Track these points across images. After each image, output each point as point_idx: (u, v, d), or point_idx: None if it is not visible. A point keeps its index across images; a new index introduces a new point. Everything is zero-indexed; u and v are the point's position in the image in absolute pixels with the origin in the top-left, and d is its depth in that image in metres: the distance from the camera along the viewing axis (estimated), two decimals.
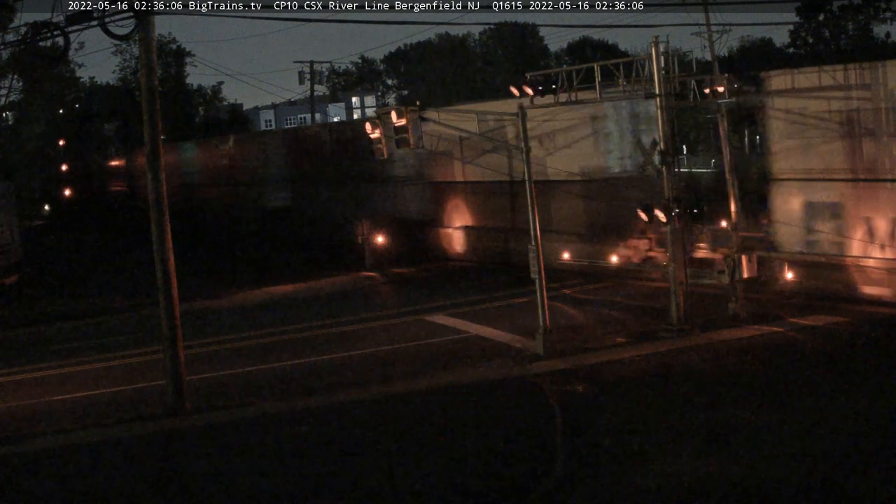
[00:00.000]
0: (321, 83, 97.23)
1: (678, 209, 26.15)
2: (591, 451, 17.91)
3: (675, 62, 27.30)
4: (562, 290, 33.26)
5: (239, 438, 20.22)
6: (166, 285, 22.42)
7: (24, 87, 69.58)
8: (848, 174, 28.22)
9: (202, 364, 26.39)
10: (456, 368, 24.59)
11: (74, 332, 34.15)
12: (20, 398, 25.02)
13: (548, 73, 29.32)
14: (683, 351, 24.49)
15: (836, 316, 26.65)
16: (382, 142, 26.33)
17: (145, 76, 22.31)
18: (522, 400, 21.70)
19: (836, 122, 28.33)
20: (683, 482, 15.87)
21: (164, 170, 22.42)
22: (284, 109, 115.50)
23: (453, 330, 29.36)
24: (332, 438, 19.78)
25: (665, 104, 26.63)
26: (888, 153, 27.29)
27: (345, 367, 25.79)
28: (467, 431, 19.58)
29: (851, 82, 27.93)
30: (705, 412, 19.55)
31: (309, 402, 22.60)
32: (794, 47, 75.76)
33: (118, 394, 24.70)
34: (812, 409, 19.27)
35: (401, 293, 37.64)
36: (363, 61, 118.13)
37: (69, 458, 19.68)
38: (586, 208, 36.53)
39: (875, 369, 21.69)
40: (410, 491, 16.45)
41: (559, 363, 24.18)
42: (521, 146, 25.97)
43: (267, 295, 39.20)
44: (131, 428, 21.42)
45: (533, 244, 25.49)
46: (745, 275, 27.58)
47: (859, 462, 16.23)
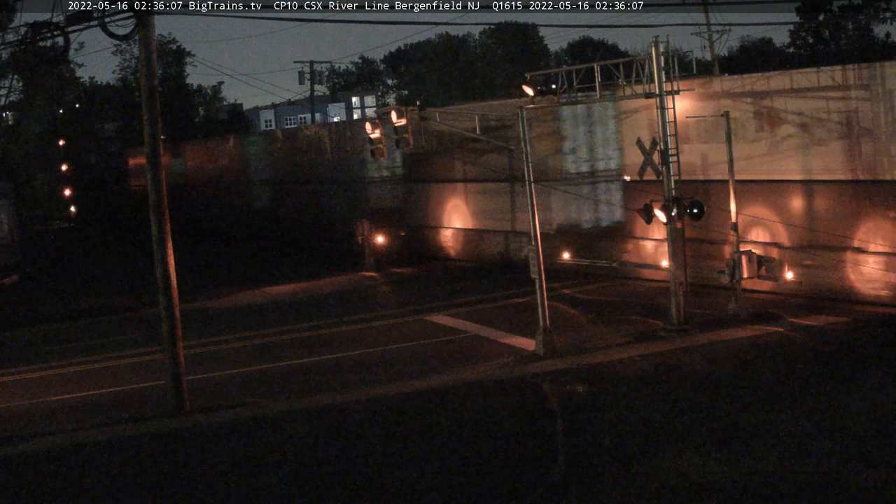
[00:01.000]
0: (321, 83, 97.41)
1: (678, 209, 26.15)
2: (591, 451, 17.91)
3: (675, 62, 27.30)
4: (562, 290, 33.26)
5: (239, 438, 20.22)
6: (166, 285, 22.41)
7: (24, 87, 69.70)
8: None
9: (202, 364, 26.40)
10: (456, 368, 24.59)
11: (74, 332, 34.15)
12: (20, 398, 25.03)
13: (548, 73, 29.36)
14: (683, 351, 24.48)
15: (837, 316, 26.65)
16: (383, 142, 26.37)
17: (145, 76, 22.31)
18: (522, 400, 21.69)
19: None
20: (683, 482, 15.87)
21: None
22: (284, 109, 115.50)
23: (453, 330, 29.36)
24: (332, 438, 19.79)
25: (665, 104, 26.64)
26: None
27: (345, 367, 25.79)
28: (467, 431, 19.59)
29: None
30: (705, 412, 19.56)
31: (309, 402, 22.61)
32: (794, 47, 75.83)
33: (118, 394, 24.71)
34: (812, 409, 19.27)
35: (401, 293, 37.65)
36: (363, 61, 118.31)
37: (69, 458, 19.68)
38: None
39: (875, 369, 21.68)
40: (410, 491, 16.45)
41: (559, 363, 24.18)
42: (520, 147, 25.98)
43: (267, 295, 39.21)
44: (131, 428, 21.42)
45: (533, 244, 25.49)
46: (745, 275, 27.60)
47: (859, 462, 16.23)
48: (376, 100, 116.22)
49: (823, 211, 28.75)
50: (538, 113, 34.27)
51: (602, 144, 36.26)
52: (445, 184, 44.21)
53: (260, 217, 60.66)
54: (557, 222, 37.68)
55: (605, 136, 36.02)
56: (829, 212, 28.55)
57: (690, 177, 29.30)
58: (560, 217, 37.82)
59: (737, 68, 64.95)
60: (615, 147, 35.59)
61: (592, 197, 36.28)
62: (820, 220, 28.75)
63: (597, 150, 36.51)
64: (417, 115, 27.18)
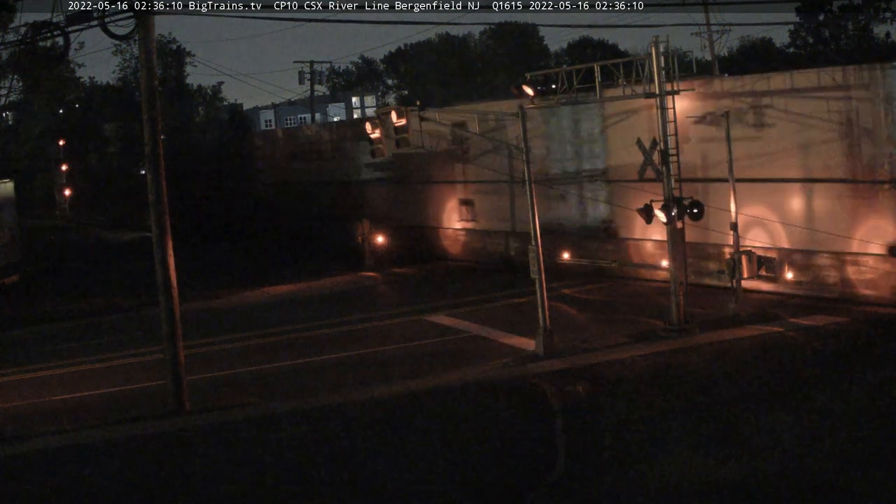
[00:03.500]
0: (321, 83, 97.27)
1: (678, 209, 26.15)
2: (591, 451, 17.91)
3: (675, 62, 27.30)
4: (562, 290, 33.26)
5: (239, 438, 20.23)
6: (166, 285, 22.41)
7: (24, 87, 69.62)
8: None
9: (202, 364, 26.39)
10: (456, 368, 24.58)
11: (74, 332, 34.14)
12: (20, 398, 25.01)
13: (548, 73, 29.34)
14: (683, 351, 24.48)
15: (836, 316, 26.65)
16: (383, 142, 26.33)
17: (145, 76, 22.31)
18: (522, 400, 21.70)
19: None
20: (683, 482, 15.88)
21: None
22: (284, 109, 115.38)
23: (453, 330, 29.36)
24: (332, 438, 19.79)
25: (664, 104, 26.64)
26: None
27: (345, 367, 25.79)
28: (467, 431, 19.59)
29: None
30: (705, 412, 19.56)
31: (309, 402, 22.61)
32: (794, 47, 75.89)
33: (118, 394, 24.71)
34: (812, 409, 19.27)
35: (401, 293, 37.65)
36: (363, 61, 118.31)
37: (69, 458, 19.68)
38: None
39: (875, 369, 21.68)
40: (410, 491, 16.45)
41: (559, 363, 24.18)
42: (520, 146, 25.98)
43: (266, 295, 39.20)
44: (131, 428, 21.42)
45: (533, 244, 25.49)
46: (745, 275, 27.59)
47: (860, 462, 16.23)
48: (376, 100, 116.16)
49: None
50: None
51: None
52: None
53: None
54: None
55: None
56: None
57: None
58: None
59: (737, 68, 64.98)
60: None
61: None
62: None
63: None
64: (418, 115, 27.14)
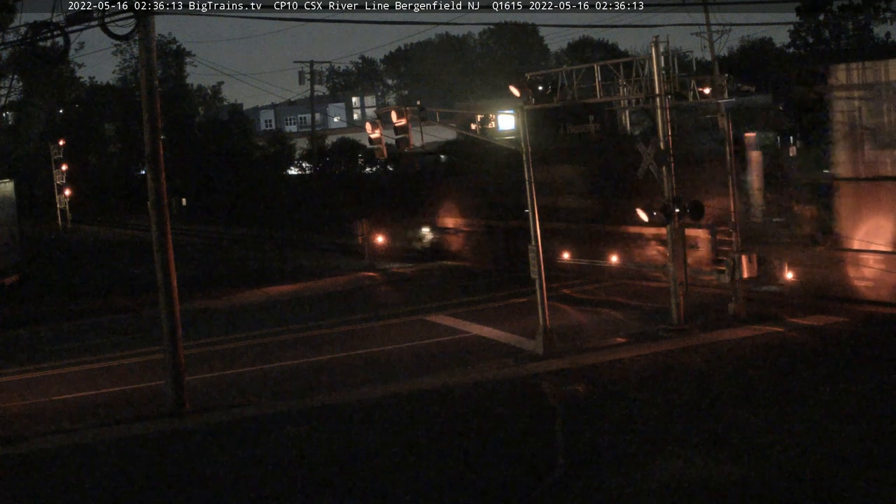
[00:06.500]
0: (321, 83, 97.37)
1: (678, 209, 26.14)
2: (591, 451, 17.90)
3: (675, 62, 27.28)
4: (562, 290, 33.26)
5: (239, 438, 20.22)
6: (166, 285, 22.40)
7: (24, 87, 69.65)
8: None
9: (202, 364, 26.39)
10: (456, 368, 24.57)
11: (74, 332, 34.13)
12: (20, 398, 25.00)
13: (548, 73, 29.31)
14: (683, 351, 24.48)
15: (836, 316, 26.65)
16: (383, 142, 26.30)
17: (145, 76, 22.30)
18: (522, 400, 21.69)
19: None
20: (683, 482, 15.86)
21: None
22: (284, 109, 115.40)
23: (453, 330, 29.35)
24: (332, 438, 19.78)
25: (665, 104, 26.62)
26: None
27: (345, 367, 25.78)
28: (467, 431, 19.57)
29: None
30: (705, 412, 19.56)
31: (309, 402, 22.60)
32: (794, 47, 75.85)
33: (118, 394, 24.69)
34: (812, 409, 19.26)
35: (401, 293, 37.64)
36: (363, 61, 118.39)
37: (69, 458, 19.67)
38: None
39: (875, 369, 21.68)
40: (410, 490, 16.44)
41: (559, 363, 24.17)
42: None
43: (266, 295, 39.20)
44: (131, 428, 21.41)
45: (533, 244, 25.48)
46: (745, 275, 27.57)
47: (859, 462, 16.23)
48: (376, 100, 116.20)
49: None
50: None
51: None
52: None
53: None
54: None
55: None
56: None
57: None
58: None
59: (737, 68, 64.87)
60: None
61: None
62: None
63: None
64: (418, 115, 27.11)
